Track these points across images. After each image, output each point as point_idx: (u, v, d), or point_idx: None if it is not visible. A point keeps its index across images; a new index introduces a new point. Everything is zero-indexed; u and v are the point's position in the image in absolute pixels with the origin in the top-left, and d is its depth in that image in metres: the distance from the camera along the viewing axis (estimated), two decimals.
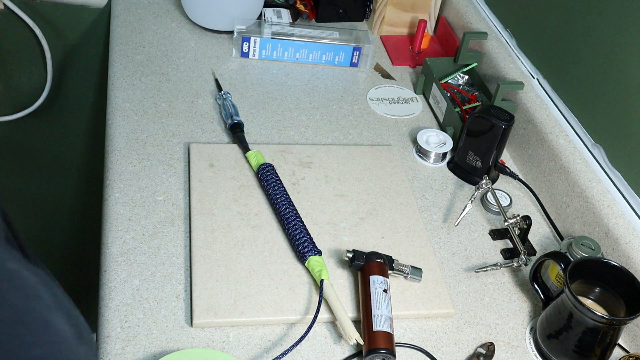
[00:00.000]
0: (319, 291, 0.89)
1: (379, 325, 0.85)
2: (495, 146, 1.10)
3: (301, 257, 0.94)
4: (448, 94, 1.26)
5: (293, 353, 0.85)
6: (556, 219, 1.09)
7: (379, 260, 0.92)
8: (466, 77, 1.32)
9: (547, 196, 1.11)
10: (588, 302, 0.89)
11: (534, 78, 1.21)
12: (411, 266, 0.95)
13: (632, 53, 0.97)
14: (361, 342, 0.85)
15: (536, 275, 0.94)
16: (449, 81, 1.30)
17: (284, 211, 0.99)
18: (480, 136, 1.11)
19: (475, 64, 1.31)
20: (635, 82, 0.97)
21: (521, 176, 1.18)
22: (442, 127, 1.24)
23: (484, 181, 1.05)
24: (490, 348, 0.90)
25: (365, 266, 0.92)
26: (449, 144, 1.18)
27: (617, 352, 0.91)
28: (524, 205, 1.13)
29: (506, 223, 1.01)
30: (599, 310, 0.86)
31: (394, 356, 0.84)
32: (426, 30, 1.43)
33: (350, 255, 0.93)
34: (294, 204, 1.01)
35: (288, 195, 1.02)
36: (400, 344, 0.88)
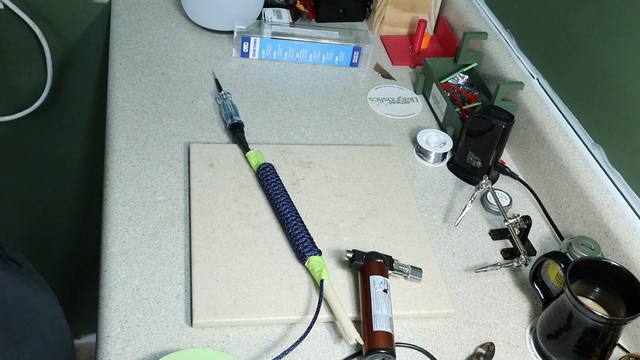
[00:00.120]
0: (319, 291, 0.89)
1: (379, 325, 0.85)
2: (495, 146, 1.10)
3: (301, 257, 0.94)
4: (448, 94, 1.26)
5: (293, 353, 0.85)
6: (556, 219, 1.09)
7: (379, 260, 0.92)
8: (466, 77, 1.32)
9: (547, 196, 1.11)
10: (588, 302, 0.89)
11: (534, 78, 1.21)
12: (411, 266, 0.95)
13: (632, 53, 0.97)
14: (361, 342, 0.85)
15: (536, 275, 0.94)
16: (449, 81, 1.30)
17: (284, 211, 0.99)
18: (480, 136, 1.11)
19: (475, 64, 1.31)
20: (635, 82, 0.97)
21: (521, 176, 1.18)
22: (442, 127, 1.24)
23: (484, 181, 1.05)
24: (490, 348, 0.90)
25: (365, 266, 0.92)
26: (449, 144, 1.18)
27: (617, 352, 0.91)
28: (524, 205, 1.13)
29: (506, 223, 1.01)
30: (599, 310, 0.86)
31: (394, 356, 0.84)
32: (426, 30, 1.43)
33: (350, 255, 0.93)
34: (294, 204, 1.01)
35: (288, 195, 1.02)
36: (400, 344, 0.88)
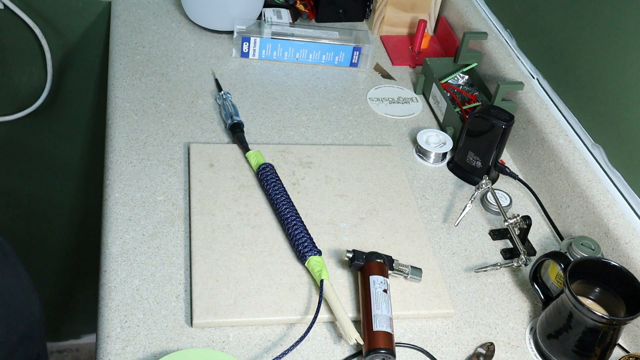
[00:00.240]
0: (319, 291, 0.88)
1: (379, 325, 0.85)
2: (495, 146, 1.10)
3: (301, 257, 0.94)
4: (448, 94, 1.26)
5: (293, 353, 0.85)
6: (556, 219, 1.09)
7: (379, 260, 0.92)
8: (466, 77, 1.31)
9: (547, 196, 1.11)
10: (588, 302, 0.89)
11: (534, 78, 1.21)
12: (411, 266, 0.94)
13: (632, 53, 0.97)
14: (361, 342, 0.85)
15: (536, 275, 0.94)
16: (449, 81, 1.30)
17: (284, 211, 0.99)
18: (480, 136, 1.11)
19: (475, 64, 1.30)
20: (635, 83, 0.97)
21: (521, 176, 1.18)
22: (442, 127, 1.24)
23: (484, 181, 1.05)
24: (490, 348, 0.90)
25: (365, 266, 0.92)
26: (449, 144, 1.18)
27: (617, 352, 0.91)
28: (524, 205, 1.13)
29: (506, 223, 1.01)
30: (599, 310, 0.86)
31: (394, 356, 0.84)
32: (426, 30, 1.43)
33: (350, 255, 0.93)
34: (294, 204, 1.01)
35: (288, 195, 1.02)
36: (400, 344, 0.88)
